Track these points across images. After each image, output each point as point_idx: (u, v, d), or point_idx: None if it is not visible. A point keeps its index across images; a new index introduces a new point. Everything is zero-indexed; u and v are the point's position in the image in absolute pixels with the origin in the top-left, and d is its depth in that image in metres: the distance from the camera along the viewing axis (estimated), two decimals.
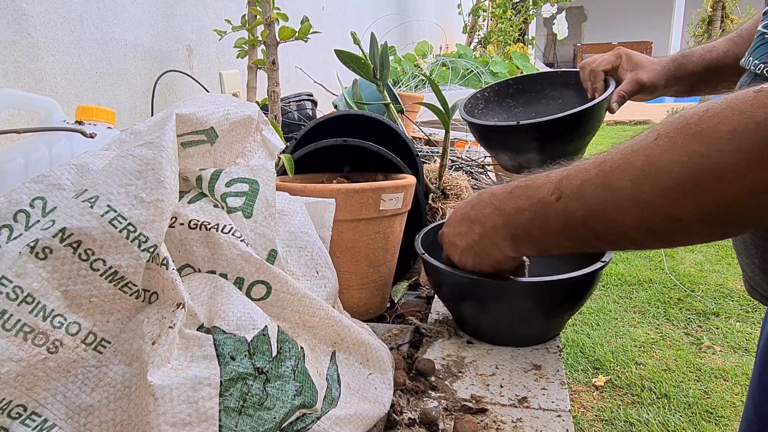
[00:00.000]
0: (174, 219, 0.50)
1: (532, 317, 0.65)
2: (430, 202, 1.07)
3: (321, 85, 1.63)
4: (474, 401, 0.56)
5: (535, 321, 0.65)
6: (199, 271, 0.51)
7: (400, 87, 2.33)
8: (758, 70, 0.63)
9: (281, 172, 0.76)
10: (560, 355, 0.65)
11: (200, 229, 0.50)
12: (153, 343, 0.42)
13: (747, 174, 0.40)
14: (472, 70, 2.67)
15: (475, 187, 1.28)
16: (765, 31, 0.65)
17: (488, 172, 1.45)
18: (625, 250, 0.55)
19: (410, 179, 0.73)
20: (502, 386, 0.59)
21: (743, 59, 0.68)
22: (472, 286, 0.64)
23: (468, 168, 1.41)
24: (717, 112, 0.41)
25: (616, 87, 0.94)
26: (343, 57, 1.03)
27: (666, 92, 0.97)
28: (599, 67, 0.97)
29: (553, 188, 0.51)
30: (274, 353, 0.46)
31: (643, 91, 0.94)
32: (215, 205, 0.53)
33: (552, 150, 0.92)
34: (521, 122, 0.92)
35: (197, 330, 0.45)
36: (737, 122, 0.40)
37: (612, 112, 0.94)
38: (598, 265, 0.64)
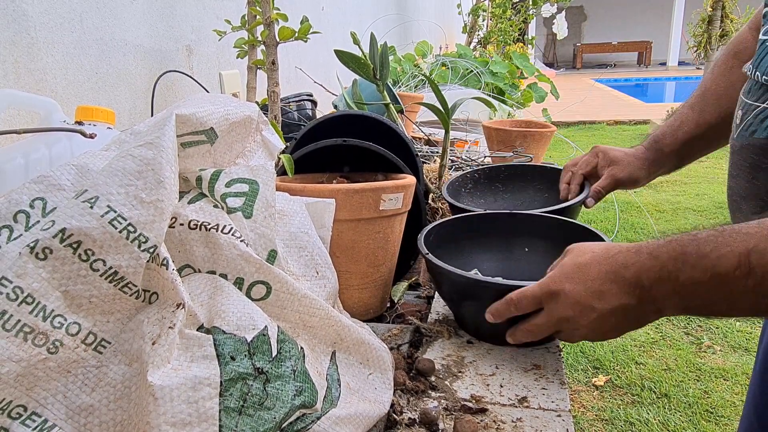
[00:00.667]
0: (174, 219, 0.50)
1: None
2: (430, 202, 1.07)
3: (321, 85, 1.63)
4: (474, 401, 0.56)
5: None
6: (199, 271, 0.51)
7: (399, 87, 2.33)
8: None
9: (281, 172, 0.76)
10: (560, 354, 0.65)
11: (200, 229, 0.50)
12: (153, 343, 0.42)
13: None
14: (472, 70, 2.67)
15: None
16: (766, 38, 0.65)
17: None
18: None
19: (410, 179, 0.73)
20: (502, 386, 0.59)
21: (746, 67, 0.68)
22: (474, 286, 0.64)
23: (468, 168, 1.41)
24: None
25: (595, 182, 0.98)
26: (343, 57, 1.03)
27: (654, 178, 0.99)
28: (579, 171, 1.00)
29: (737, 263, 0.47)
30: (274, 353, 0.46)
31: (622, 185, 0.97)
32: (215, 206, 0.53)
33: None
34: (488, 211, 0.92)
35: (197, 330, 0.45)
36: None
37: (588, 207, 0.97)
38: None
